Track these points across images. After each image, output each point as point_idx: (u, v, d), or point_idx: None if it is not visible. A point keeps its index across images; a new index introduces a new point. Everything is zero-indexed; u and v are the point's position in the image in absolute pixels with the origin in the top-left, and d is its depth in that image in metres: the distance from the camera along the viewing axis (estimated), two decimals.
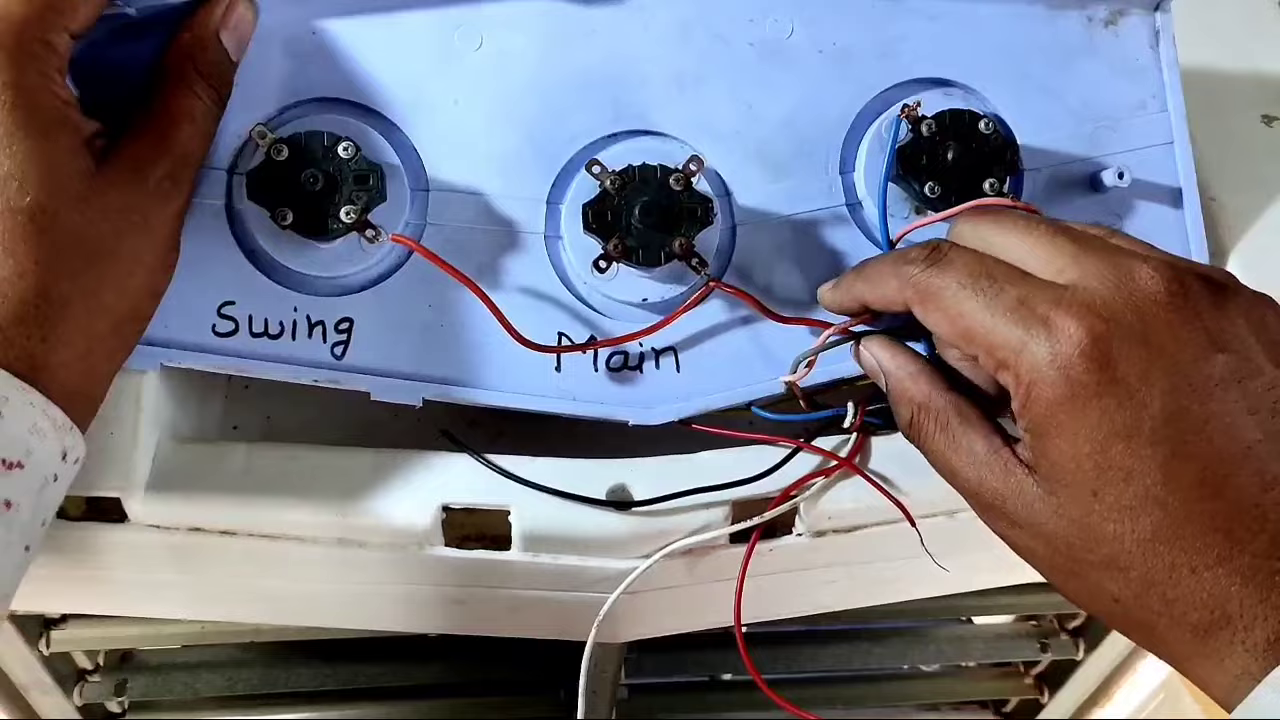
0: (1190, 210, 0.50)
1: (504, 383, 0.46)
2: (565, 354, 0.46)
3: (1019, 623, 0.76)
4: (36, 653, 0.60)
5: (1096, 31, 0.49)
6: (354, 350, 0.45)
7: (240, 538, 0.46)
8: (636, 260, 0.45)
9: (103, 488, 0.45)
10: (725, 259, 0.47)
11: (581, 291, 0.47)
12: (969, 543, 0.52)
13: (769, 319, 0.46)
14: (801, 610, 0.57)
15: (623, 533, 0.46)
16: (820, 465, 0.47)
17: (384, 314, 0.46)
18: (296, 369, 0.45)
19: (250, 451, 0.47)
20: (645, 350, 0.47)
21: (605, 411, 0.47)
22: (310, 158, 0.43)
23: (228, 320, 0.45)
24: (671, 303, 0.47)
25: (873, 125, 0.48)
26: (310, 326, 0.45)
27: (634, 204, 0.44)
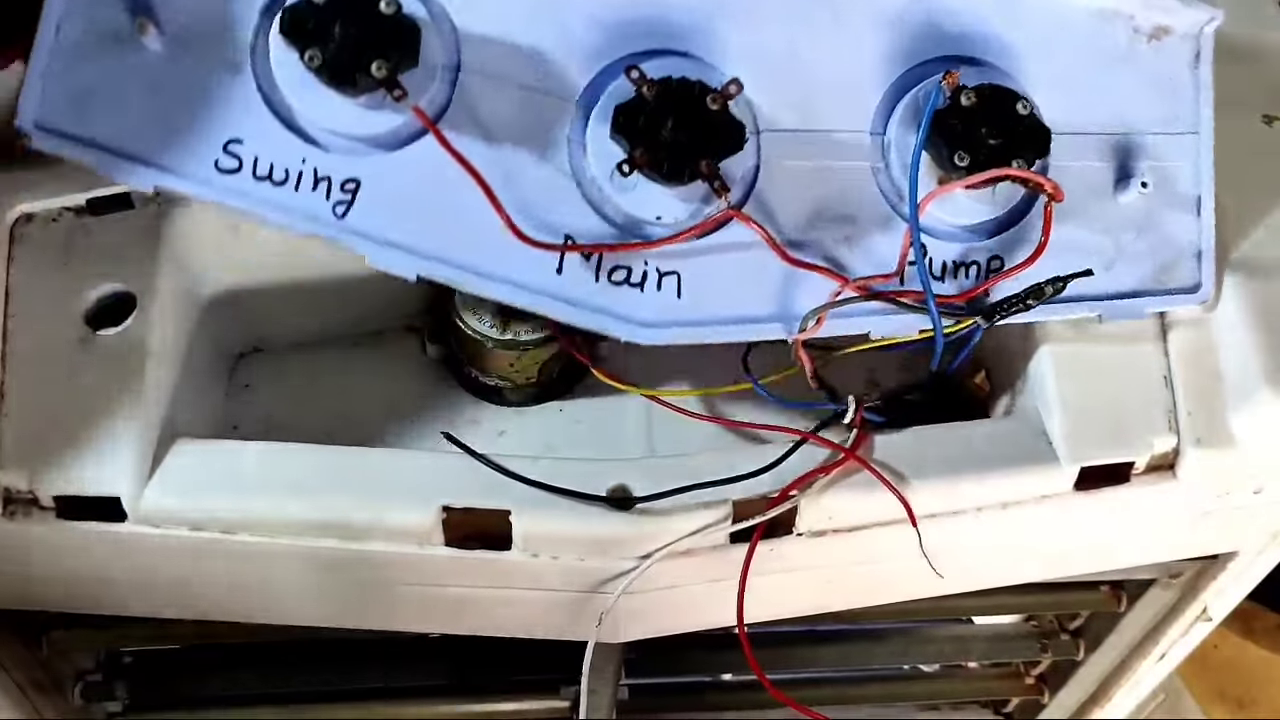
0: (1205, 231, 0.50)
1: (503, 274, 0.45)
2: (568, 256, 0.46)
3: (1019, 623, 0.76)
4: (36, 653, 0.60)
5: (1139, 44, 0.49)
6: (356, 212, 0.45)
7: (240, 537, 0.46)
8: (660, 172, 0.44)
9: (103, 487, 0.45)
10: (745, 192, 0.47)
11: (596, 199, 0.46)
12: (970, 543, 0.52)
13: (781, 259, 0.46)
14: (802, 610, 0.57)
15: (623, 533, 0.46)
16: (822, 462, 0.47)
17: (393, 182, 0.45)
18: (293, 219, 0.44)
19: (250, 451, 0.47)
20: (649, 268, 0.47)
21: (600, 324, 0.46)
22: (349, 5, 0.42)
23: (232, 158, 0.44)
24: (686, 225, 0.46)
25: (911, 91, 0.48)
26: (316, 180, 0.45)
27: (667, 115, 0.44)
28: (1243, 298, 0.50)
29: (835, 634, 0.72)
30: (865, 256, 0.48)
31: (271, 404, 0.56)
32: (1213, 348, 0.50)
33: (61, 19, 0.43)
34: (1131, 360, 0.50)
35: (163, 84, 0.44)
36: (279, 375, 0.57)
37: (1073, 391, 0.49)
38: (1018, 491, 0.49)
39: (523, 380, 0.56)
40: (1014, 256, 0.48)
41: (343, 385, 0.58)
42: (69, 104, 0.43)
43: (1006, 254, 0.49)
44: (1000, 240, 0.49)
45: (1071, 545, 0.55)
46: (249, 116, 0.44)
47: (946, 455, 0.49)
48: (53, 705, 0.64)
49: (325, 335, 0.59)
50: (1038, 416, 0.50)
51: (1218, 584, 0.62)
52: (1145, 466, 0.50)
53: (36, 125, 0.43)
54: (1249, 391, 0.49)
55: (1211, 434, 0.49)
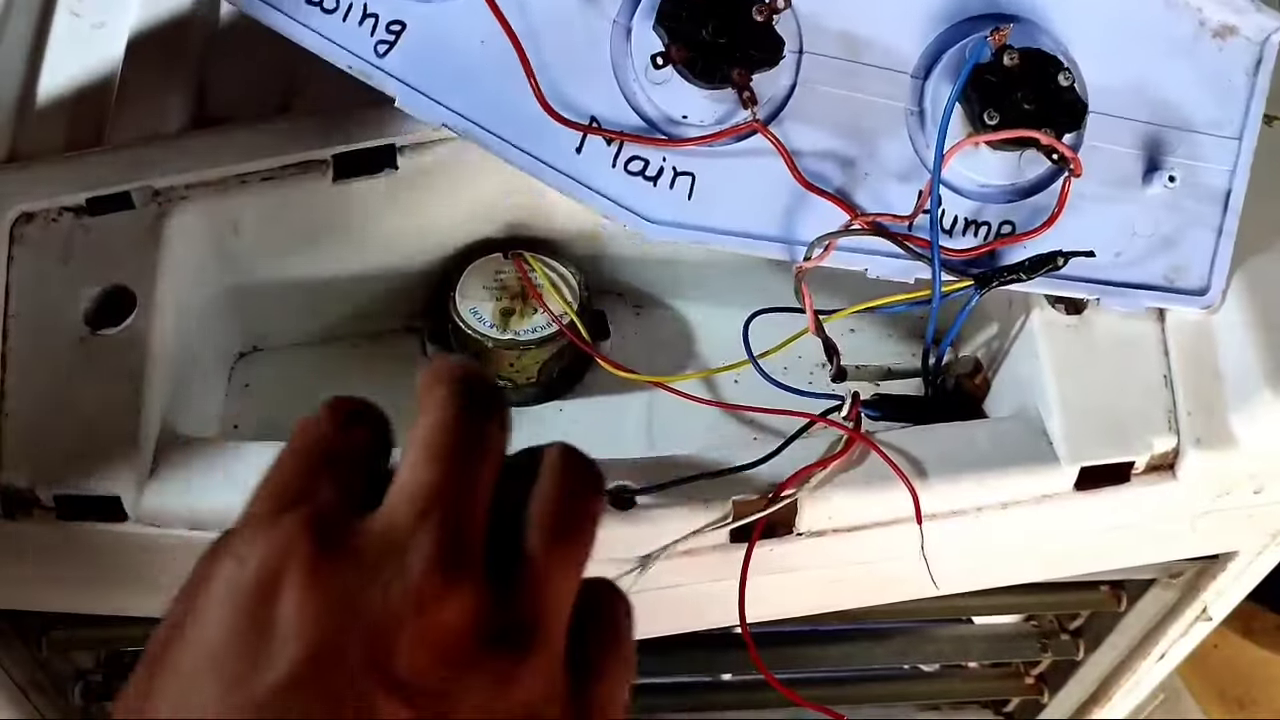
0: (1225, 237, 0.50)
1: (523, 142, 0.46)
2: (589, 138, 0.46)
3: (1019, 623, 0.76)
4: (35, 653, 0.60)
5: (1203, 39, 0.49)
6: (396, 54, 0.45)
7: None
8: (693, 71, 0.44)
9: (103, 487, 0.45)
10: (775, 110, 0.47)
11: (629, 89, 0.47)
12: (970, 543, 0.52)
13: (797, 181, 0.46)
14: (802, 610, 0.57)
15: (623, 533, 0.46)
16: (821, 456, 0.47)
17: (436, 31, 0.46)
18: (335, 49, 0.45)
19: (250, 451, 0.47)
20: (666, 165, 0.47)
21: (609, 209, 0.47)
22: None
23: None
24: (711, 129, 0.46)
25: (957, 45, 0.47)
26: (364, 15, 0.45)
27: (710, 16, 0.44)
28: (1243, 298, 0.50)
29: (835, 634, 0.72)
30: (879, 197, 0.48)
31: (271, 404, 0.56)
32: (1213, 348, 0.50)
33: None
34: (1131, 360, 0.50)
35: None
36: (279, 375, 0.57)
37: (1073, 391, 0.49)
38: (1017, 491, 0.49)
39: (523, 380, 0.56)
40: (1026, 225, 0.49)
41: (343, 385, 0.58)
42: None
43: (1019, 221, 0.49)
44: (1016, 207, 0.49)
45: (1071, 545, 0.55)
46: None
47: (946, 455, 0.49)
48: (53, 705, 0.64)
49: (325, 335, 0.59)
50: (1037, 416, 0.50)
51: (1218, 584, 0.62)
52: (1145, 466, 0.50)
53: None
54: (1249, 391, 0.49)
55: (1212, 434, 0.49)
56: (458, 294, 0.55)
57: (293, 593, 0.24)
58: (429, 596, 0.24)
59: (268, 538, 0.25)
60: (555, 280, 0.56)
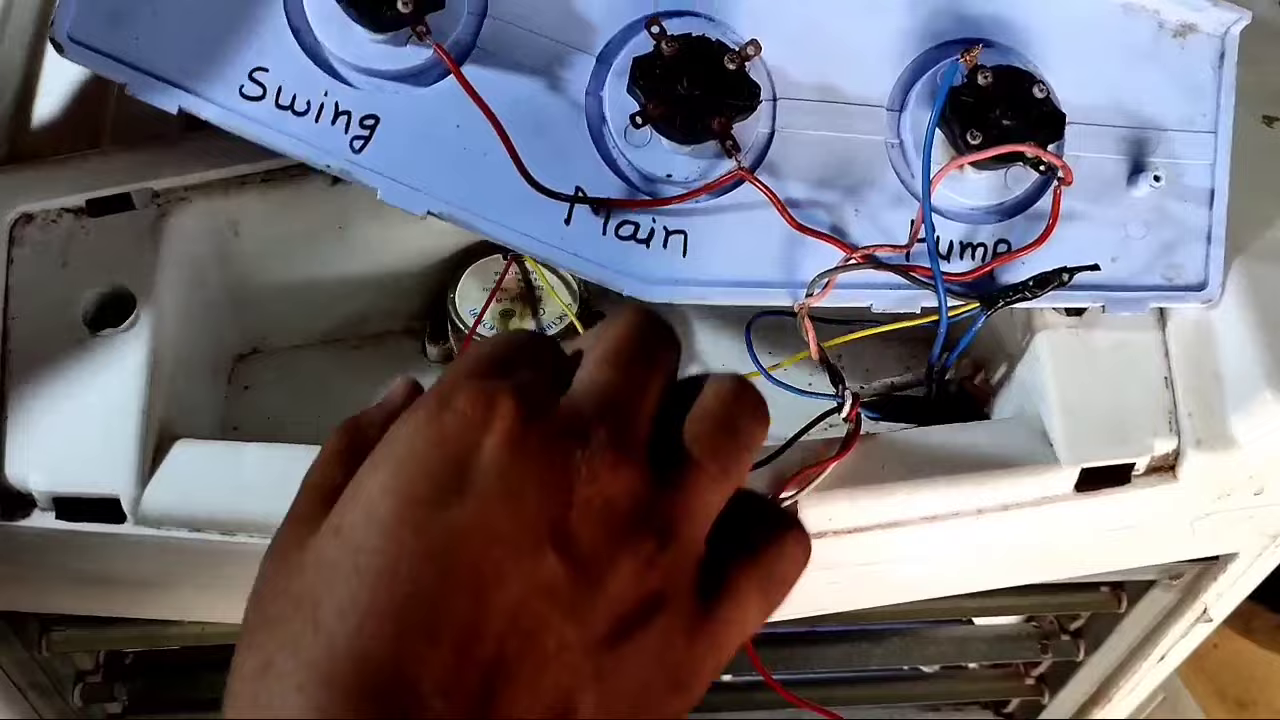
0: (1216, 231, 0.50)
1: (511, 221, 0.46)
2: (576, 209, 0.46)
3: (1020, 624, 0.76)
4: (35, 654, 0.60)
5: (1164, 40, 0.49)
6: (373, 148, 0.45)
7: (240, 538, 0.46)
8: (673, 127, 0.44)
9: (102, 488, 0.45)
10: (757, 158, 0.47)
11: (610, 154, 0.47)
12: (970, 544, 0.52)
13: (790, 224, 0.46)
14: (802, 611, 0.56)
15: None
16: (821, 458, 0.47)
17: (412, 121, 0.45)
18: (311, 150, 0.45)
19: (250, 451, 0.47)
20: (657, 225, 0.47)
21: (604, 276, 0.46)
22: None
23: (256, 85, 0.45)
24: (696, 185, 0.46)
25: (929, 71, 0.48)
26: (336, 114, 0.45)
27: (684, 71, 0.44)
28: (1243, 298, 0.50)
29: (835, 635, 0.72)
30: (874, 230, 0.48)
31: (271, 404, 0.56)
32: (1213, 349, 0.50)
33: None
34: (1132, 361, 0.50)
35: (195, 7, 0.45)
36: (279, 375, 0.57)
37: (1073, 393, 0.49)
38: (1018, 493, 0.49)
39: None
40: (1020, 241, 0.49)
41: (343, 385, 0.58)
42: (103, 19, 0.44)
43: (1013, 238, 0.49)
44: (1008, 224, 0.49)
45: (1072, 546, 0.55)
46: (276, 46, 0.45)
47: (946, 456, 0.49)
48: (53, 706, 0.64)
49: (325, 335, 0.60)
50: (1038, 418, 0.50)
51: (1218, 585, 0.62)
52: (1145, 468, 0.50)
53: (70, 38, 0.44)
54: (1249, 393, 0.48)
55: (1212, 435, 0.49)
56: (457, 295, 0.55)
57: (496, 448, 0.27)
58: (602, 470, 0.28)
59: (477, 396, 0.28)
60: (555, 281, 0.56)
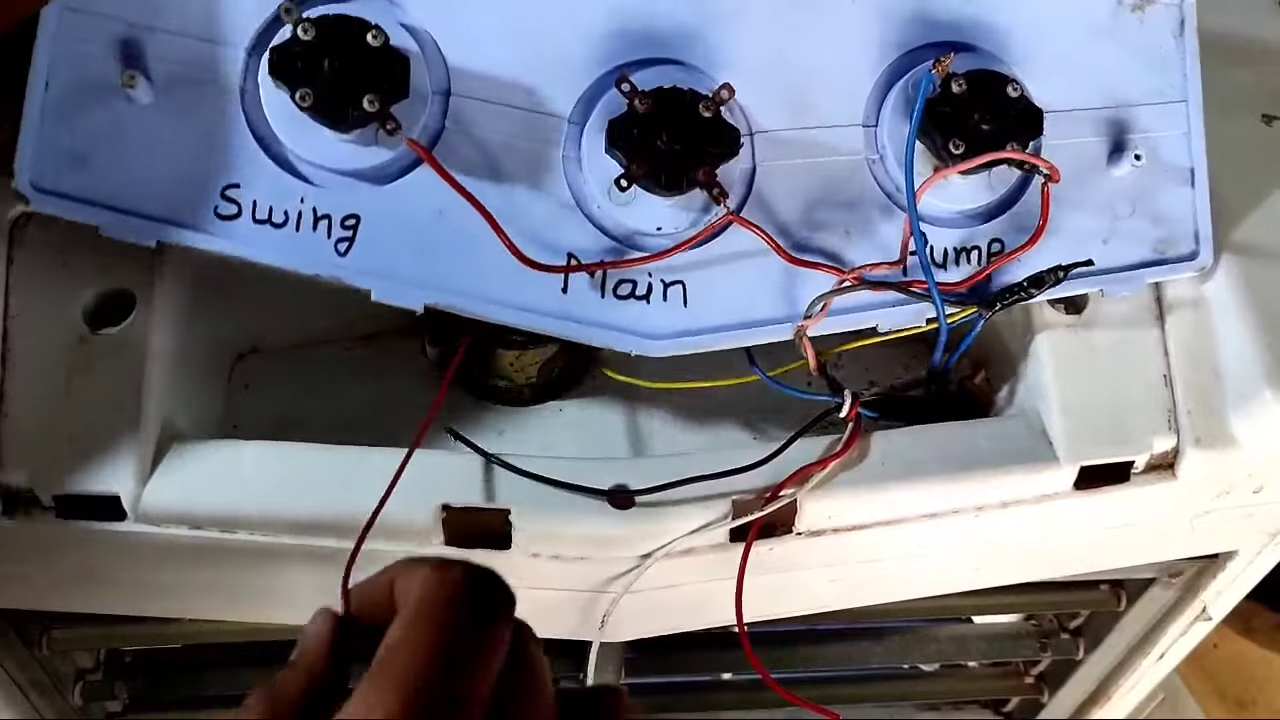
0: (1200, 198, 0.50)
1: (509, 299, 0.46)
2: (572, 276, 0.46)
3: (1019, 622, 0.76)
4: (36, 652, 0.60)
5: (1124, 16, 0.49)
6: (359, 248, 0.45)
7: (240, 536, 0.46)
8: (658, 183, 0.44)
9: (102, 487, 0.45)
10: (743, 195, 0.47)
11: (596, 215, 0.47)
12: (970, 542, 0.52)
13: (782, 259, 0.46)
14: (801, 609, 0.57)
15: (622, 532, 0.46)
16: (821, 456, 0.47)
17: (393, 215, 0.45)
18: (297, 260, 0.44)
19: (250, 451, 0.47)
20: (654, 280, 0.47)
21: (608, 339, 0.46)
22: (337, 42, 0.42)
23: (230, 203, 0.44)
24: (686, 234, 0.46)
25: (900, 80, 0.48)
26: (316, 219, 0.45)
27: (661, 126, 0.44)
28: (1243, 297, 0.50)
29: (835, 633, 0.72)
30: (867, 249, 0.48)
31: (271, 404, 0.56)
32: (1212, 347, 0.50)
33: (50, 73, 0.43)
34: (1131, 359, 0.50)
35: (156, 135, 0.44)
36: (279, 375, 0.57)
37: (1072, 391, 0.49)
38: (1017, 491, 0.49)
39: (523, 380, 0.56)
40: (1014, 238, 0.49)
41: (343, 385, 0.58)
42: (64, 162, 0.43)
43: (1007, 236, 0.49)
44: (999, 223, 0.49)
45: (1071, 545, 0.55)
46: (244, 160, 0.44)
47: (946, 455, 0.49)
48: (53, 705, 0.64)
49: (325, 335, 0.59)
50: (1037, 416, 0.50)
51: (1217, 583, 0.62)
52: (1145, 466, 0.50)
53: (33, 186, 0.43)
54: (1249, 391, 0.49)
55: (1211, 434, 0.49)
56: None
57: None
58: None
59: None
60: None
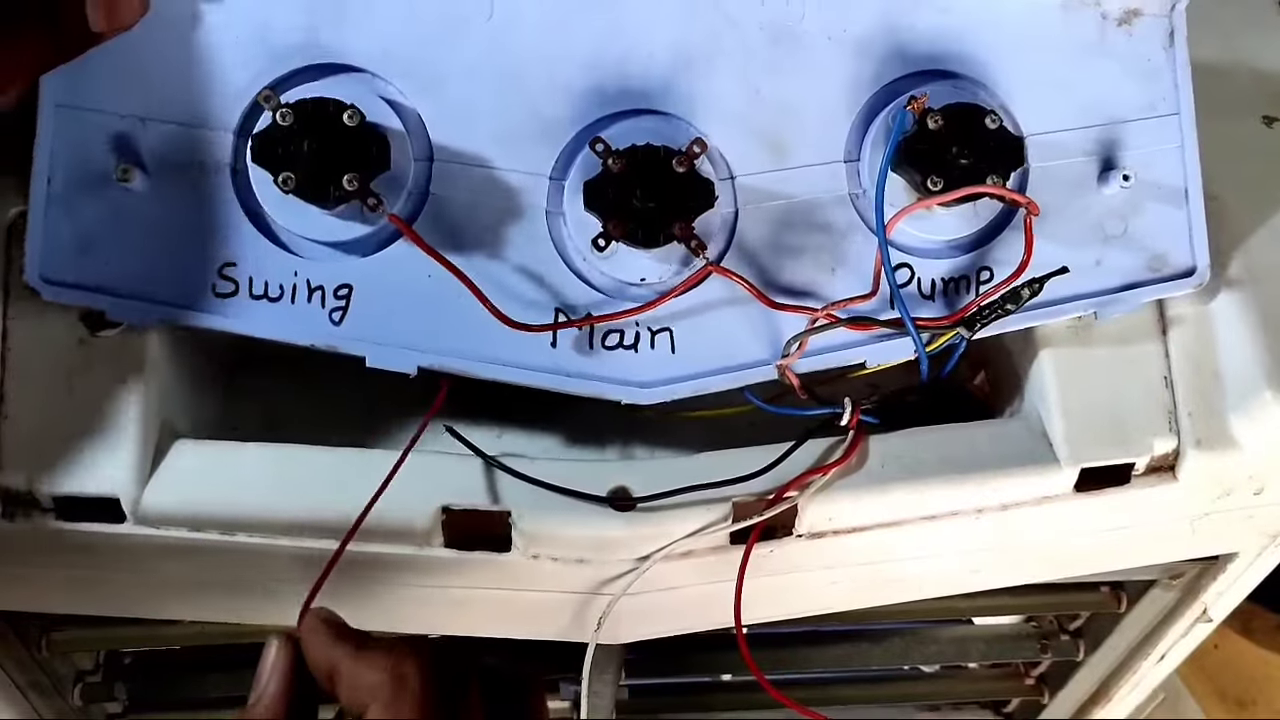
0: (1195, 213, 0.49)
1: (500, 356, 0.47)
2: (561, 331, 0.47)
3: (1019, 623, 0.76)
4: (35, 654, 0.60)
5: (1110, 30, 0.49)
6: (352, 316, 0.46)
7: (240, 537, 0.46)
8: (636, 240, 0.45)
9: (102, 488, 0.45)
10: (726, 241, 0.47)
11: (581, 269, 0.47)
12: (970, 544, 0.52)
13: (765, 305, 0.46)
14: (802, 611, 0.56)
15: (623, 534, 0.46)
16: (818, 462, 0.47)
17: (383, 282, 0.46)
18: (294, 332, 0.46)
19: (249, 453, 0.47)
20: (641, 329, 0.47)
21: (599, 390, 0.47)
22: (315, 124, 0.43)
23: (228, 281, 0.46)
24: (670, 283, 0.46)
25: (881, 114, 0.47)
26: (310, 291, 0.46)
27: (635, 184, 0.44)
28: (1243, 299, 0.50)
29: (836, 635, 0.72)
30: (853, 283, 0.48)
31: (271, 405, 0.56)
32: (1213, 349, 0.50)
33: (50, 170, 0.45)
34: (1132, 361, 0.50)
35: (154, 220, 0.45)
36: (279, 375, 0.57)
37: (1073, 393, 0.49)
38: (1018, 493, 0.49)
39: None
40: (1002, 266, 0.48)
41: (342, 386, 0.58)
42: (71, 253, 0.45)
43: (995, 264, 0.49)
44: (986, 250, 0.49)
45: (1072, 546, 0.55)
46: (238, 239, 0.46)
47: (946, 456, 0.49)
48: (53, 706, 0.64)
49: None
50: (1038, 418, 0.50)
51: (1217, 585, 0.62)
52: (1145, 468, 0.50)
53: (43, 279, 0.45)
54: (1249, 392, 0.49)
55: (1212, 435, 0.49)
56: None
57: None
58: None
59: None
60: None
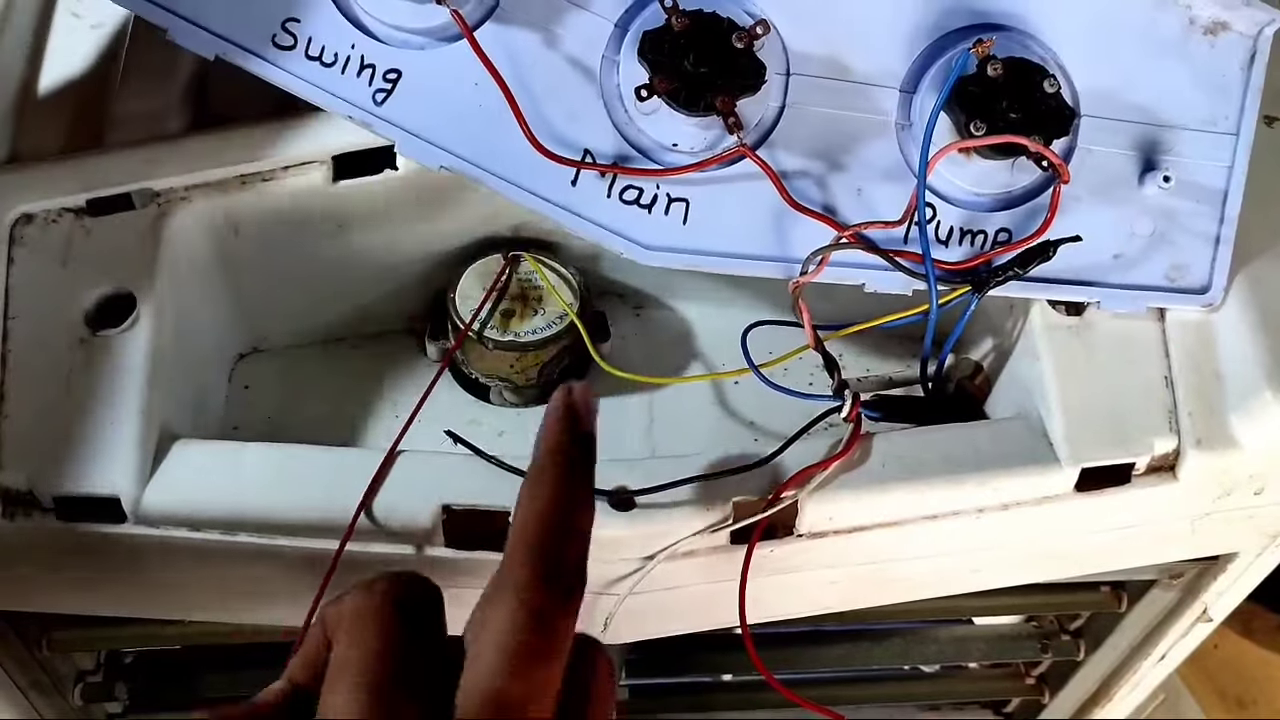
0: (1225, 235, 0.49)
1: (520, 179, 0.47)
2: (583, 171, 0.47)
3: (1020, 623, 0.76)
4: (36, 653, 0.60)
5: (1194, 36, 0.49)
6: (394, 102, 0.46)
7: (240, 537, 0.46)
8: (678, 100, 0.45)
9: (102, 488, 0.45)
10: (765, 133, 0.47)
11: (619, 120, 0.47)
12: (970, 544, 0.52)
13: (787, 204, 0.46)
14: (803, 611, 0.57)
15: (622, 534, 0.46)
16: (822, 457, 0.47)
17: (431, 77, 0.47)
18: (336, 101, 0.46)
19: (250, 451, 0.47)
20: (660, 192, 0.48)
21: (605, 237, 0.47)
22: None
23: (288, 35, 0.46)
24: (700, 156, 0.47)
25: (945, 55, 0.47)
26: (362, 66, 0.46)
27: (692, 47, 0.44)
28: (1244, 298, 0.50)
29: (835, 634, 0.72)
30: (873, 211, 0.48)
31: (271, 404, 0.56)
32: (1213, 348, 0.50)
33: None
34: (1132, 361, 0.50)
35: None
36: (279, 375, 0.57)
37: (1073, 392, 0.49)
38: (1018, 493, 0.49)
39: (523, 381, 0.56)
40: (1022, 231, 0.49)
41: (343, 385, 0.58)
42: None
43: (1015, 229, 0.49)
44: (1011, 214, 0.49)
45: (1072, 546, 0.55)
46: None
47: (946, 455, 0.49)
48: (53, 706, 0.64)
49: (325, 336, 0.60)
50: (1038, 418, 0.50)
51: (1218, 585, 0.62)
52: (1146, 468, 0.50)
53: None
54: (1250, 392, 0.48)
55: (1212, 435, 0.49)
56: (457, 294, 0.55)
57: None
58: None
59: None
60: (555, 281, 0.56)
